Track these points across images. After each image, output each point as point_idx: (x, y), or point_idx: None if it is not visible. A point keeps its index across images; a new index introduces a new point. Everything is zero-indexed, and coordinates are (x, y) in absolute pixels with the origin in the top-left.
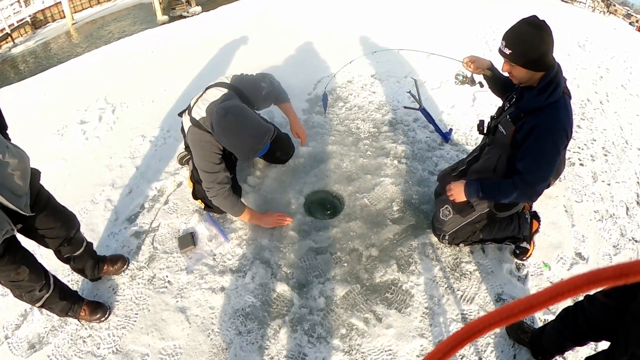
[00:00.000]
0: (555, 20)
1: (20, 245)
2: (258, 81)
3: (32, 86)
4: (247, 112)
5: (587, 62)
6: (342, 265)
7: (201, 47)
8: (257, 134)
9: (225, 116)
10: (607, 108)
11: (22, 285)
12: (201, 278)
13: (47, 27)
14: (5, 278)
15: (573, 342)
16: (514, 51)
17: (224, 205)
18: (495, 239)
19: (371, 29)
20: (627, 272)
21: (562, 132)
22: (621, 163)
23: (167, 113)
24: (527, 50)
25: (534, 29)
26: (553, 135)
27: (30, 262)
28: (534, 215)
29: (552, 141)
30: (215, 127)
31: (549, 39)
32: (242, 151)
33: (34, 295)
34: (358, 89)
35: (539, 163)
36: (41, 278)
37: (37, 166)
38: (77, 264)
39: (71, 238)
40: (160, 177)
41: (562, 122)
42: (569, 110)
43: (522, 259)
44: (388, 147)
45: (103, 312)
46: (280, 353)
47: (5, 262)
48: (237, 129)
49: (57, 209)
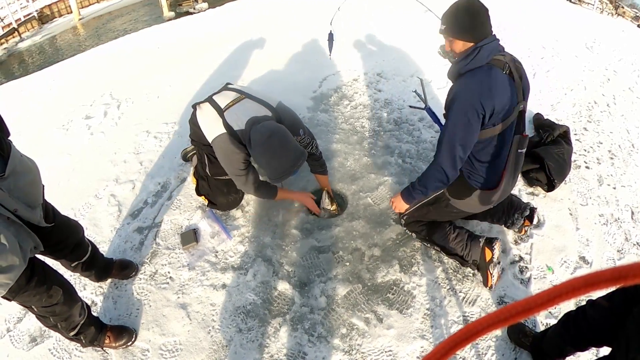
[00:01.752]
0: (563, 21)
1: (44, 263)
2: (298, 122)
3: (38, 81)
4: (289, 137)
5: (594, 64)
6: (344, 264)
7: (207, 44)
8: (294, 157)
9: (270, 138)
10: (614, 111)
11: (56, 310)
12: (203, 275)
13: (54, 22)
14: (38, 303)
15: (574, 347)
16: (447, 25)
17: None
18: (445, 249)
19: (377, 26)
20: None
21: (467, 99)
22: (627, 167)
23: (172, 109)
24: (455, 22)
25: (461, 4)
26: (459, 103)
27: (62, 282)
28: (487, 243)
29: (457, 109)
30: (254, 144)
31: (476, 11)
32: (276, 172)
33: (73, 321)
34: (363, 87)
35: (442, 135)
36: (76, 298)
37: (42, 161)
38: (85, 269)
39: (79, 245)
40: (163, 173)
41: (471, 87)
42: (486, 77)
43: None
44: (393, 146)
45: (129, 337)
46: (280, 351)
47: (35, 285)
48: (277, 152)
49: (64, 220)
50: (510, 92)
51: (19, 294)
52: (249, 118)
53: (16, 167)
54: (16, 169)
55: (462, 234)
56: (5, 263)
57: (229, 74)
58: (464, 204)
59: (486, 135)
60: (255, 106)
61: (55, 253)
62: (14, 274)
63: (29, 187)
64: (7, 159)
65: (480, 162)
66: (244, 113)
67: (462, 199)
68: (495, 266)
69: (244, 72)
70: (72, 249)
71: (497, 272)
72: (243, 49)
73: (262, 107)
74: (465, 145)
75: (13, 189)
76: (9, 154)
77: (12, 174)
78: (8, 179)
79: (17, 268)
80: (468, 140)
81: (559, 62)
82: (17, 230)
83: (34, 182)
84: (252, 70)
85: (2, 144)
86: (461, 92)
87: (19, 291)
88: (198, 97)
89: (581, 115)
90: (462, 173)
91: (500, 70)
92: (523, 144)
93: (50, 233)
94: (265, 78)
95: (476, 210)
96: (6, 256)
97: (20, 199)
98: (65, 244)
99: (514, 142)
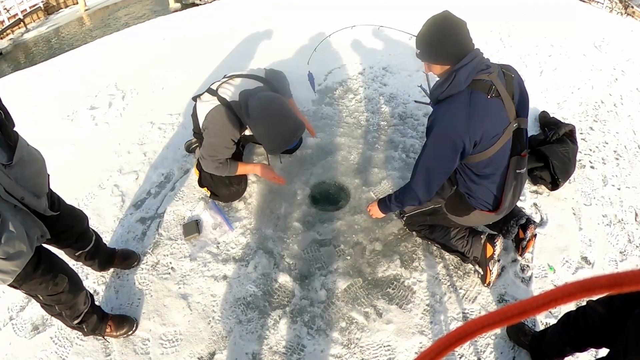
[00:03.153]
0: (572, 20)
1: (50, 251)
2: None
3: (43, 71)
4: (288, 106)
5: (602, 64)
6: (345, 258)
7: (213, 35)
8: (293, 128)
9: (270, 105)
10: (620, 111)
11: (62, 299)
12: (204, 266)
13: (60, 13)
14: (44, 291)
15: (573, 348)
16: (420, 50)
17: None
18: (446, 247)
19: (384, 22)
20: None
21: (444, 130)
22: (632, 168)
23: (176, 100)
24: (427, 45)
25: (431, 24)
26: (436, 132)
27: (67, 270)
28: (489, 239)
29: (433, 138)
30: (253, 113)
31: (449, 29)
32: (274, 141)
33: (78, 310)
34: (369, 81)
35: (419, 159)
36: (80, 287)
37: (47, 150)
38: (88, 258)
39: (84, 234)
40: (167, 164)
41: (449, 118)
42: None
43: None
44: (397, 141)
45: (130, 326)
46: (279, 343)
47: (41, 273)
48: (278, 120)
49: (69, 209)
50: (498, 114)
51: (25, 281)
52: (242, 90)
53: (23, 155)
54: (23, 158)
55: (462, 230)
56: (12, 250)
57: (235, 66)
58: (462, 220)
59: (477, 159)
60: (246, 81)
61: (60, 242)
62: (22, 261)
63: (35, 176)
64: (14, 147)
65: (477, 184)
66: (237, 87)
67: (460, 216)
68: (495, 263)
69: (249, 64)
70: (77, 238)
71: (497, 270)
72: (249, 41)
73: (252, 81)
74: (440, 173)
75: (20, 177)
76: (17, 143)
77: (19, 162)
78: (15, 167)
79: (25, 255)
80: (444, 168)
81: (566, 60)
82: (24, 218)
83: (40, 171)
84: (257, 63)
85: (10, 132)
86: (439, 122)
87: (25, 279)
88: (203, 89)
89: (587, 115)
90: (461, 192)
91: (483, 95)
92: (522, 164)
93: (55, 222)
94: None
95: (475, 225)
96: (14, 243)
97: (27, 187)
98: (70, 233)
99: (512, 163)
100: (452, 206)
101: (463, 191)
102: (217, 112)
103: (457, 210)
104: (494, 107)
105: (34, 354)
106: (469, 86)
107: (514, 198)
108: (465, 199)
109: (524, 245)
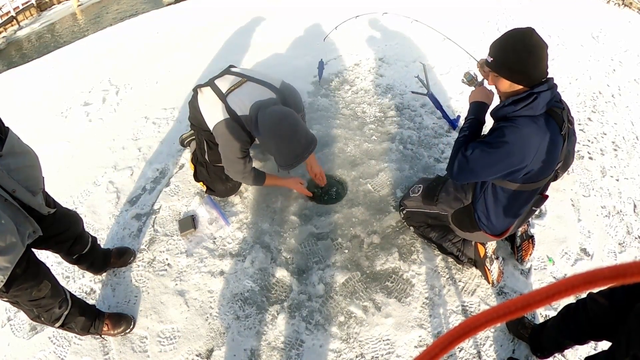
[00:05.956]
0: (570, 10)
1: (37, 257)
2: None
3: (36, 68)
4: (300, 122)
5: (600, 54)
6: (343, 251)
7: (207, 29)
8: (306, 143)
9: (281, 122)
10: (618, 102)
11: (41, 303)
12: (201, 261)
13: (53, 9)
14: (26, 297)
15: (573, 340)
16: (495, 59)
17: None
18: (441, 247)
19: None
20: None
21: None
22: (631, 159)
23: (170, 95)
24: (506, 57)
25: (518, 39)
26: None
27: (50, 276)
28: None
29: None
30: (263, 129)
31: (533, 47)
32: (287, 158)
33: (54, 313)
34: (365, 72)
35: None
36: (60, 293)
37: (41, 148)
38: (85, 262)
39: (80, 237)
40: (162, 159)
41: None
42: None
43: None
44: (394, 132)
45: (127, 324)
46: (277, 339)
47: (27, 277)
48: (289, 137)
49: (63, 211)
50: (558, 154)
51: (13, 285)
52: (254, 102)
53: (14, 147)
54: (14, 150)
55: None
56: (3, 243)
57: (229, 59)
58: (464, 234)
59: (515, 188)
60: (258, 89)
61: (56, 245)
62: (14, 256)
63: (28, 170)
64: (4, 139)
65: (497, 208)
66: (248, 97)
67: (462, 231)
68: (493, 261)
69: (244, 56)
70: (74, 241)
71: (498, 267)
72: (243, 34)
73: (265, 90)
74: (479, 175)
75: (11, 169)
76: (6, 135)
77: (10, 153)
78: (7, 159)
79: (17, 249)
80: (486, 174)
81: (564, 51)
82: (14, 212)
83: (33, 165)
84: (252, 55)
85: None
86: (515, 131)
87: (14, 281)
88: (197, 82)
89: (585, 105)
90: (471, 209)
91: (557, 128)
92: (539, 203)
93: (50, 224)
94: (265, 62)
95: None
96: (4, 236)
97: (19, 181)
98: (66, 235)
99: (533, 200)
100: (457, 219)
101: (479, 210)
102: (224, 127)
103: (462, 226)
104: (559, 145)
105: (33, 354)
106: (545, 113)
107: (518, 227)
108: (474, 217)
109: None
